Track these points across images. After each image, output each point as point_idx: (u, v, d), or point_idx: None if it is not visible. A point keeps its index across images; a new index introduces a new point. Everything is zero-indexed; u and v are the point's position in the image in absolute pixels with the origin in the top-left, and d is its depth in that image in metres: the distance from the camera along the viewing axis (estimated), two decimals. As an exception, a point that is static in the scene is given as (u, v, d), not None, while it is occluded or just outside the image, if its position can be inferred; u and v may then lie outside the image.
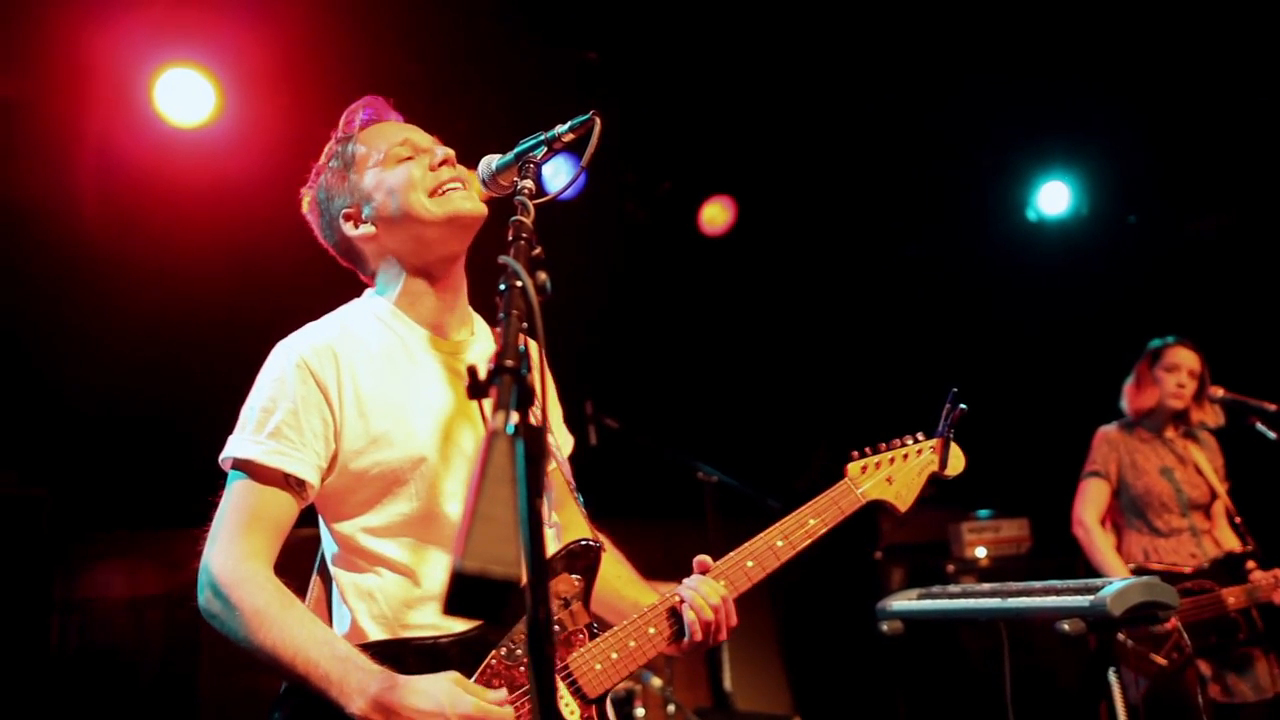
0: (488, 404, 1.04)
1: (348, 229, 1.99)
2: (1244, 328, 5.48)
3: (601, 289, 5.69)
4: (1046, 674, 5.06)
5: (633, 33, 5.13)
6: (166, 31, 4.33)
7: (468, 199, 1.91)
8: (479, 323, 2.11)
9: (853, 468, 2.16)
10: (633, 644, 1.85)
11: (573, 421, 2.31)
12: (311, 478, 1.79)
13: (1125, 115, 5.75)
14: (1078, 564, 4.28)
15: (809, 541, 2.02)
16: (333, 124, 2.08)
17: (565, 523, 2.07)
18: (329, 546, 1.93)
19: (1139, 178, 6.18)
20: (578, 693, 1.80)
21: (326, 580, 1.94)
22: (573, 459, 2.24)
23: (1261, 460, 4.16)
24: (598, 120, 1.58)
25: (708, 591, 1.88)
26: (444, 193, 1.91)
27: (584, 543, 1.90)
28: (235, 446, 1.81)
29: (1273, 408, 4.07)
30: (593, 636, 1.86)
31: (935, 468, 2.20)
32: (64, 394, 4.59)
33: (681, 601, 1.88)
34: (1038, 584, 2.72)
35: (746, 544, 2.00)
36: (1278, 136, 5.51)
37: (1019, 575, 3.42)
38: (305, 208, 2.08)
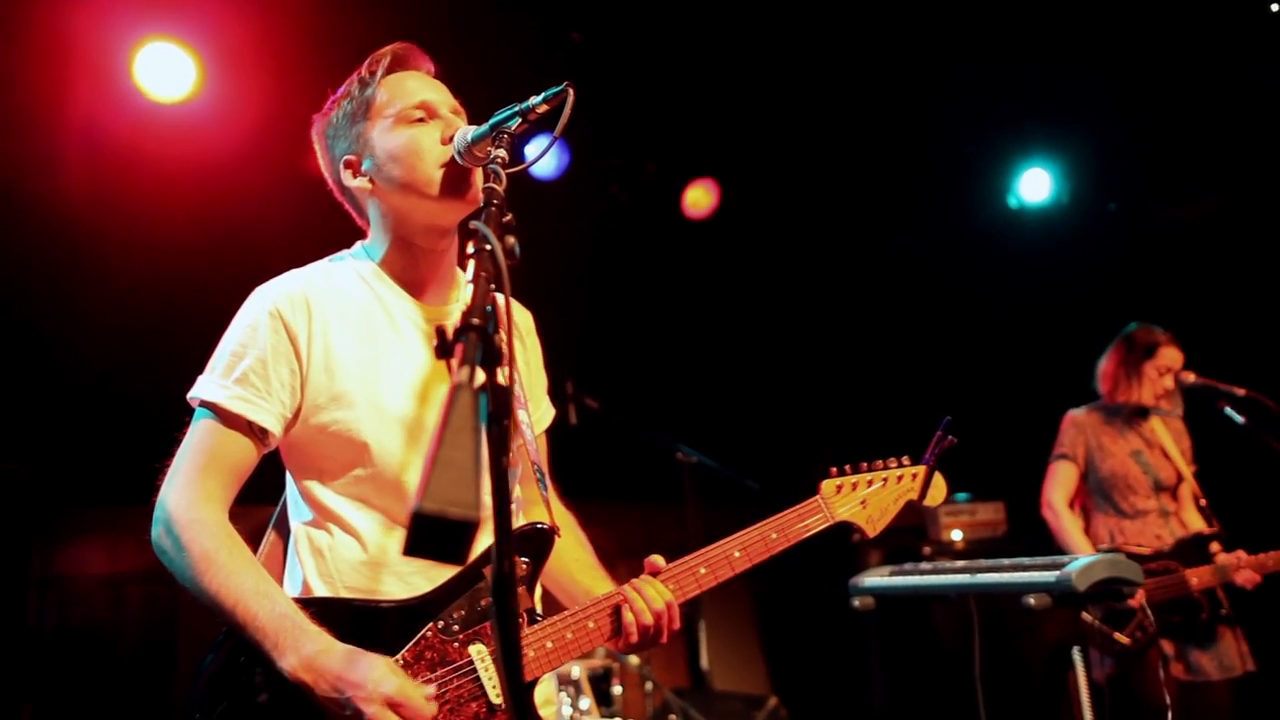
0: (454, 363, 1.06)
1: (345, 176, 1.96)
2: (1219, 314, 5.54)
3: (585, 270, 5.70)
4: (1017, 652, 5.12)
5: (618, 13, 5.13)
6: (146, 5, 4.30)
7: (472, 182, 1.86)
8: (467, 289, 2.09)
9: (827, 485, 2.11)
10: (569, 635, 1.81)
11: (554, 400, 2.30)
12: (274, 427, 1.81)
13: (1106, 103, 5.79)
14: (1052, 547, 4.33)
15: (767, 556, 1.97)
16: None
17: (527, 499, 2.07)
18: (291, 497, 1.94)
19: (1119, 166, 6.23)
20: None
21: (284, 533, 1.95)
22: (553, 437, 2.22)
23: (1230, 444, 4.22)
24: (571, 91, 1.58)
25: (652, 595, 1.85)
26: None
27: (538, 526, 1.87)
28: (203, 387, 1.83)
29: (1242, 392, 4.13)
30: (531, 622, 1.82)
31: (914, 495, 2.16)
32: (44, 369, 4.56)
33: (625, 600, 1.85)
34: (1006, 560, 2.77)
35: (703, 550, 1.95)
36: (1257, 124, 5.56)
37: (994, 558, 3.47)
38: (313, 134, 2.03)
